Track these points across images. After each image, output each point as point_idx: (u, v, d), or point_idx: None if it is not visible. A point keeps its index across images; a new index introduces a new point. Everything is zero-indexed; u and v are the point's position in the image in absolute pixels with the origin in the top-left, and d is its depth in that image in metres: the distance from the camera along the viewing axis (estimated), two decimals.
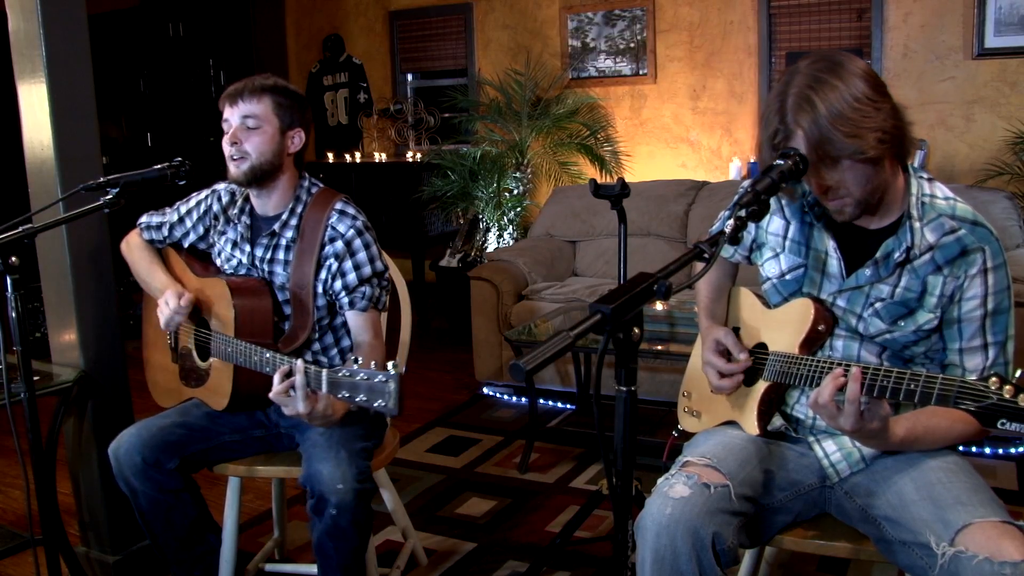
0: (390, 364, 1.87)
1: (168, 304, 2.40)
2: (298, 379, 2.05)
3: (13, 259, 1.98)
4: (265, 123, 2.35)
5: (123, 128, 6.76)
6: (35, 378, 2.73)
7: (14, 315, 2.02)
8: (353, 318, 2.39)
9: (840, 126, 1.67)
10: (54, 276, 2.94)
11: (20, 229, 2.02)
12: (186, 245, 2.64)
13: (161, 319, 2.42)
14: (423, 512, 3.40)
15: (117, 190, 2.20)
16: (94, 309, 2.96)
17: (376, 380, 1.87)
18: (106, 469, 2.78)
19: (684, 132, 5.99)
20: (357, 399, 1.91)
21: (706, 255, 1.49)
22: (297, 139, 2.42)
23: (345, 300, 2.38)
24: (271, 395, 2.09)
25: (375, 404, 1.88)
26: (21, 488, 3.69)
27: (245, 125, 2.35)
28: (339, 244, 2.37)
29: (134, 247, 2.68)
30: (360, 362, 1.95)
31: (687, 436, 2.15)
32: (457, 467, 3.83)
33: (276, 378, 2.09)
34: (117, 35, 6.61)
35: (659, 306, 3.60)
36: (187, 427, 2.44)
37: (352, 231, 2.38)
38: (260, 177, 2.39)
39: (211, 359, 2.44)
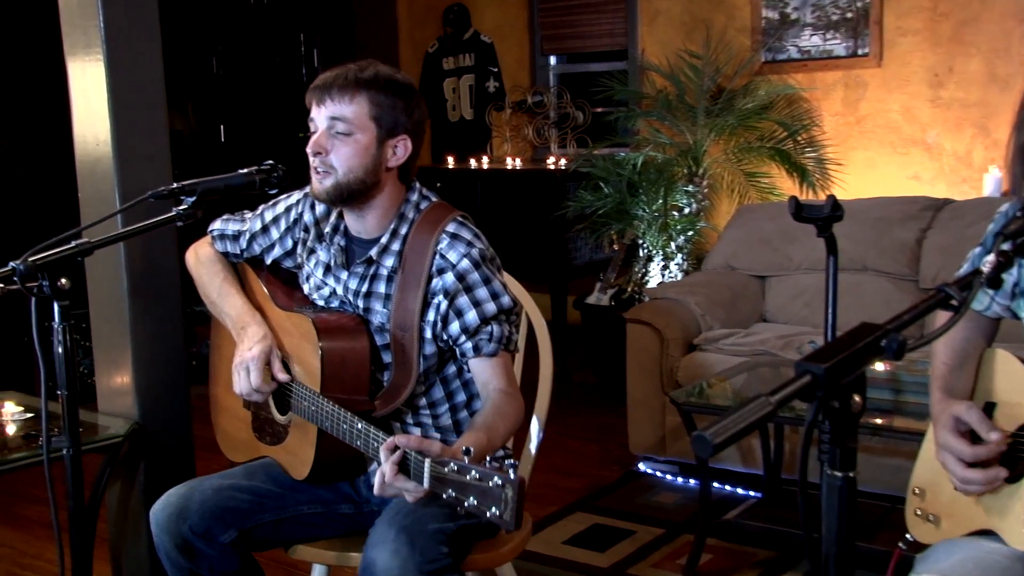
0: (507, 463, 1.88)
1: (250, 377, 2.44)
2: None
3: (63, 281, 2.07)
4: (358, 130, 2.36)
5: (190, 118, 7.03)
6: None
7: (60, 351, 2.11)
8: (479, 366, 2.40)
9: None
10: (106, 304, 3.07)
11: (73, 244, 2.11)
12: (268, 262, 2.69)
13: (237, 386, 2.47)
14: None
15: (194, 199, 2.28)
16: (154, 346, 3.07)
17: (491, 484, 1.89)
18: None
19: (919, 132, 5.86)
20: (467, 503, 1.92)
21: (954, 302, 1.45)
22: (400, 149, 2.42)
23: (468, 346, 2.38)
24: (378, 490, 2.10)
25: (488, 513, 1.89)
26: (45, 572, 3.85)
27: (333, 130, 2.37)
28: (449, 277, 2.38)
29: (204, 260, 2.73)
30: (479, 422, 1.93)
31: (919, 547, 2.08)
32: (604, 566, 3.81)
33: (385, 461, 2.07)
34: (185, 1, 6.89)
35: (879, 366, 3.51)
36: (253, 492, 2.49)
37: (467, 262, 2.39)
38: (348, 197, 2.41)
39: (290, 414, 2.49)
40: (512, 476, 1.86)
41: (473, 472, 1.92)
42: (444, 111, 7.61)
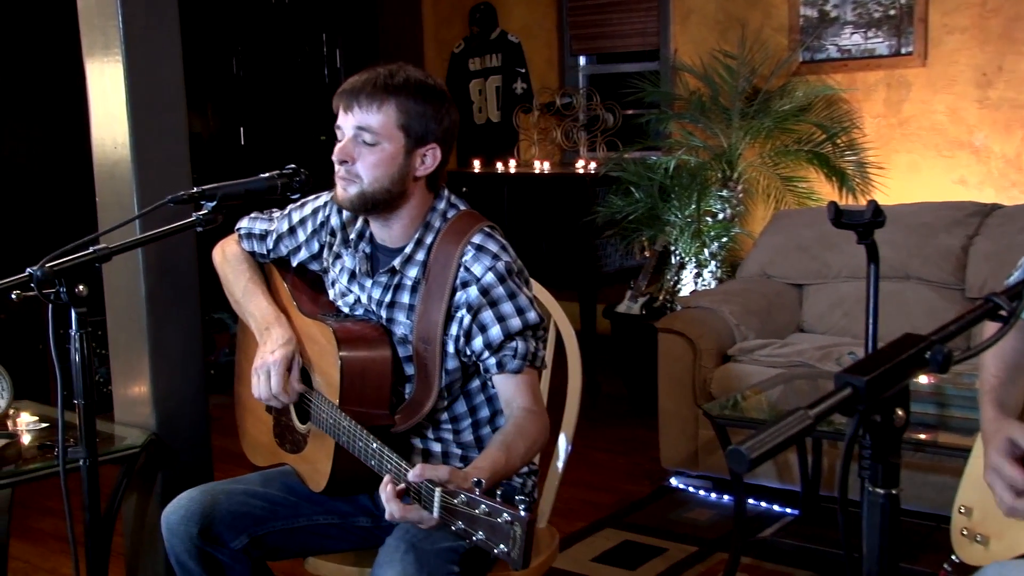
0: (518, 499, 1.88)
1: (271, 382, 2.44)
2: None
3: (81, 288, 2.09)
4: (385, 139, 2.35)
5: (209, 120, 7.07)
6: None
7: (77, 359, 2.13)
8: (503, 382, 2.39)
9: None
10: (124, 311, 3.10)
11: (91, 250, 2.13)
12: (294, 264, 2.70)
13: (255, 390, 2.48)
14: None
15: (214, 204, 2.29)
16: (172, 355, 3.09)
17: (501, 520, 1.89)
18: None
19: (965, 134, 5.82)
20: (475, 537, 1.93)
21: (1004, 312, 1.44)
22: (429, 159, 2.41)
23: (492, 362, 2.37)
24: (389, 516, 2.10)
25: (496, 549, 1.89)
26: None
27: (360, 139, 2.36)
28: (473, 291, 2.37)
29: (230, 258, 2.75)
30: (498, 441, 1.93)
31: (966, 569, 2.07)
32: None
33: (390, 491, 2.08)
34: (205, 1, 6.93)
35: (923, 379, 3.49)
36: (266, 499, 2.51)
37: (491, 275, 2.37)
38: (372, 207, 2.41)
39: (310, 423, 2.51)
40: (522, 513, 1.86)
41: (483, 506, 1.92)
42: (470, 113, 7.62)
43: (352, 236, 2.56)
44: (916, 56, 5.90)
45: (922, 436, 3.39)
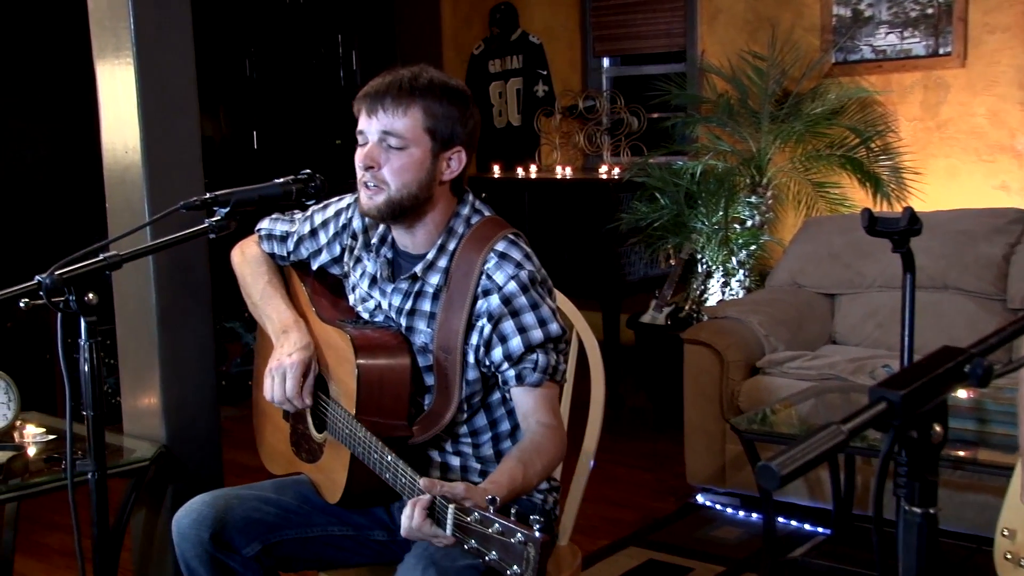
0: (533, 519, 1.88)
1: (285, 384, 2.45)
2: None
3: (91, 296, 2.10)
4: (412, 143, 2.35)
5: (221, 124, 7.10)
6: None
7: (86, 369, 2.14)
8: (521, 396, 2.38)
9: None
10: (133, 320, 3.11)
11: (101, 257, 2.14)
12: (315, 267, 2.71)
13: (268, 391, 2.49)
14: None
15: (227, 210, 2.30)
16: (183, 365, 3.11)
17: (514, 540, 1.88)
18: None
19: (1007, 137, 5.80)
20: (488, 557, 1.92)
21: None
22: (455, 162, 2.42)
23: (511, 374, 2.37)
24: (404, 532, 2.09)
25: (508, 570, 1.89)
26: None
27: (385, 144, 2.36)
28: (494, 300, 2.37)
29: (249, 259, 2.76)
30: (515, 455, 1.94)
31: None
32: None
33: (414, 509, 2.07)
34: (218, 1, 6.96)
35: (962, 393, 3.48)
36: (279, 506, 2.52)
37: (514, 284, 2.37)
38: (400, 214, 2.41)
39: (326, 433, 2.51)
40: (536, 534, 1.86)
41: (496, 525, 1.92)
42: (490, 117, 7.64)
43: (374, 240, 2.56)
44: (955, 56, 5.88)
45: (961, 453, 3.38)
